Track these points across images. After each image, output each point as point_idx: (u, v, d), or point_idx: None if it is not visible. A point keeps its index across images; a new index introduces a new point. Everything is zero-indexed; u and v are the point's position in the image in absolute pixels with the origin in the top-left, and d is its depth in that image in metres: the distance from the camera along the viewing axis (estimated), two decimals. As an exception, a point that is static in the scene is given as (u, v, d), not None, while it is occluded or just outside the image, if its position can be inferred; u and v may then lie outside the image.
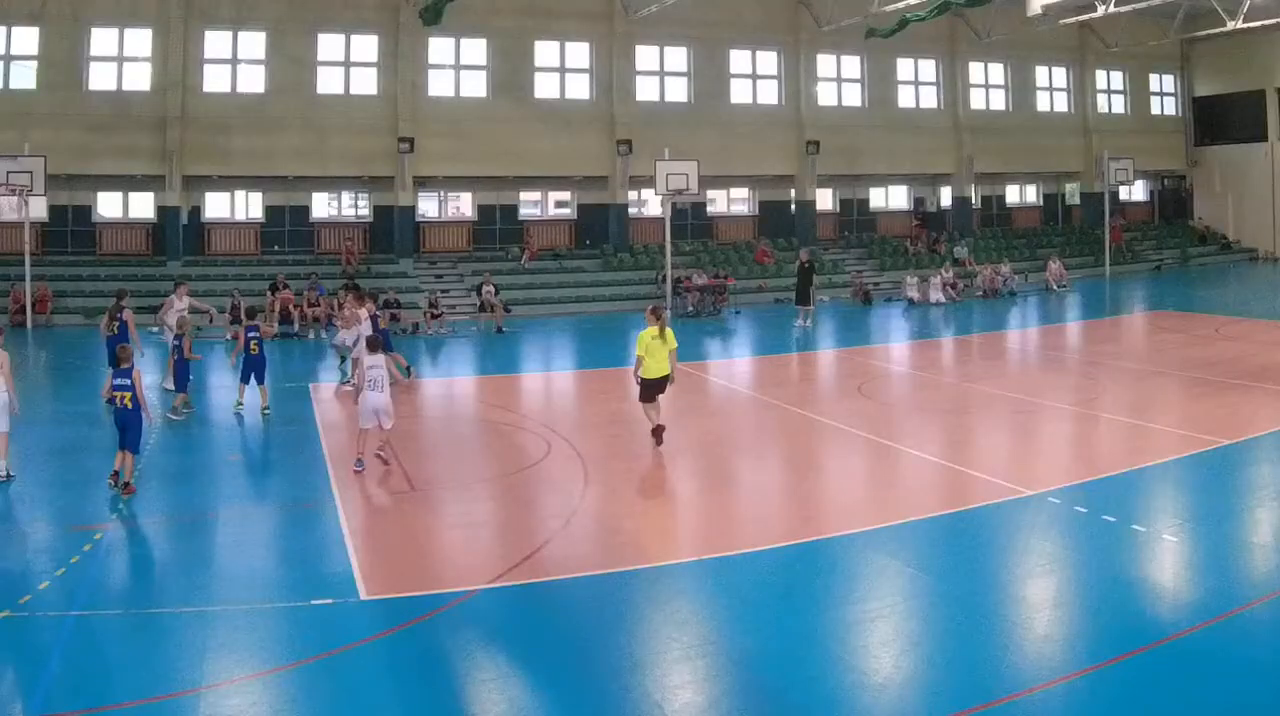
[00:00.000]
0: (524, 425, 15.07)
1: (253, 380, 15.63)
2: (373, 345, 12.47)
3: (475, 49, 31.52)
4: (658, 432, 13.13)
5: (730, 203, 35.83)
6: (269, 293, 26.85)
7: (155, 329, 22.12)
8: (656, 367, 13.11)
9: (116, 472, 11.30)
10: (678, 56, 33.26)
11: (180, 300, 19.32)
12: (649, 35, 32.28)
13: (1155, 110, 41.74)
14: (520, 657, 7.26)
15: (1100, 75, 39.89)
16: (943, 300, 30.54)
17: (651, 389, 13.19)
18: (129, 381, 11.29)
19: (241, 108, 29.89)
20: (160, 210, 30.24)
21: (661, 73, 33.23)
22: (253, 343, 15.55)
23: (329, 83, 30.66)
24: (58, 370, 21.25)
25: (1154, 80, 41.46)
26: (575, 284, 31.25)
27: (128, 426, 11.27)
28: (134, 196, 30.93)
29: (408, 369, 13.53)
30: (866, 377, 18.78)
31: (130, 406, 11.31)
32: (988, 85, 37.40)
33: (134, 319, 17.13)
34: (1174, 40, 38.03)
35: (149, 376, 16.01)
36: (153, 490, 11.56)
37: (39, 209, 28.85)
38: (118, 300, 17.37)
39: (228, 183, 31.02)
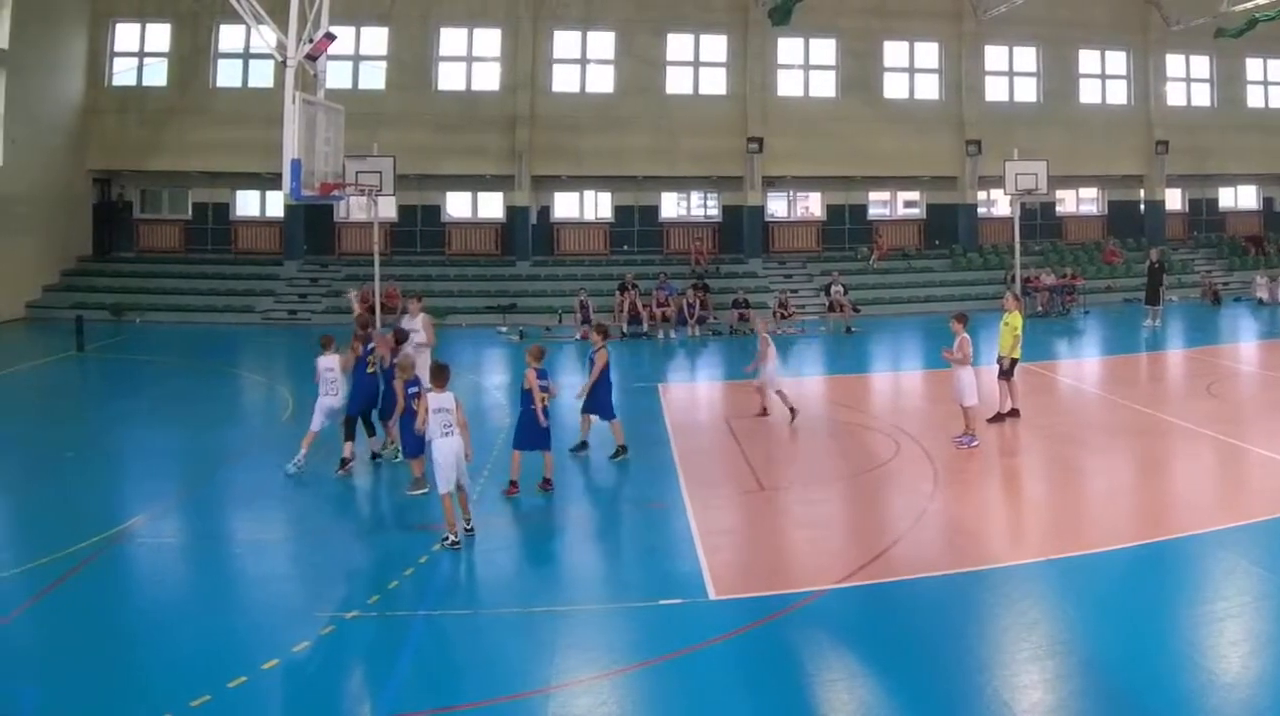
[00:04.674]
0: (873, 425, 14.92)
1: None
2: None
3: (824, 49, 31.32)
4: (1016, 413, 14.53)
5: (1079, 202, 34.97)
6: (617, 292, 26.88)
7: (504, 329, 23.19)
8: None
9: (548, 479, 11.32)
10: (1027, 56, 32.53)
11: (414, 318, 14.43)
12: (998, 35, 31.62)
13: None
14: (868, 658, 7.27)
15: None
16: (1293, 299, 29.91)
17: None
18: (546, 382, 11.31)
19: (590, 107, 30.20)
20: (509, 210, 30.67)
21: (1011, 73, 32.52)
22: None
23: (678, 83, 30.79)
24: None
25: None
26: (924, 284, 30.61)
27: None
28: (483, 196, 31.50)
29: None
30: (1216, 377, 18.24)
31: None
32: (1337, 84, 35.71)
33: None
34: None
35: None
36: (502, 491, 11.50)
37: (388, 209, 29.44)
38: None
39: (576, 182, 31.34)
